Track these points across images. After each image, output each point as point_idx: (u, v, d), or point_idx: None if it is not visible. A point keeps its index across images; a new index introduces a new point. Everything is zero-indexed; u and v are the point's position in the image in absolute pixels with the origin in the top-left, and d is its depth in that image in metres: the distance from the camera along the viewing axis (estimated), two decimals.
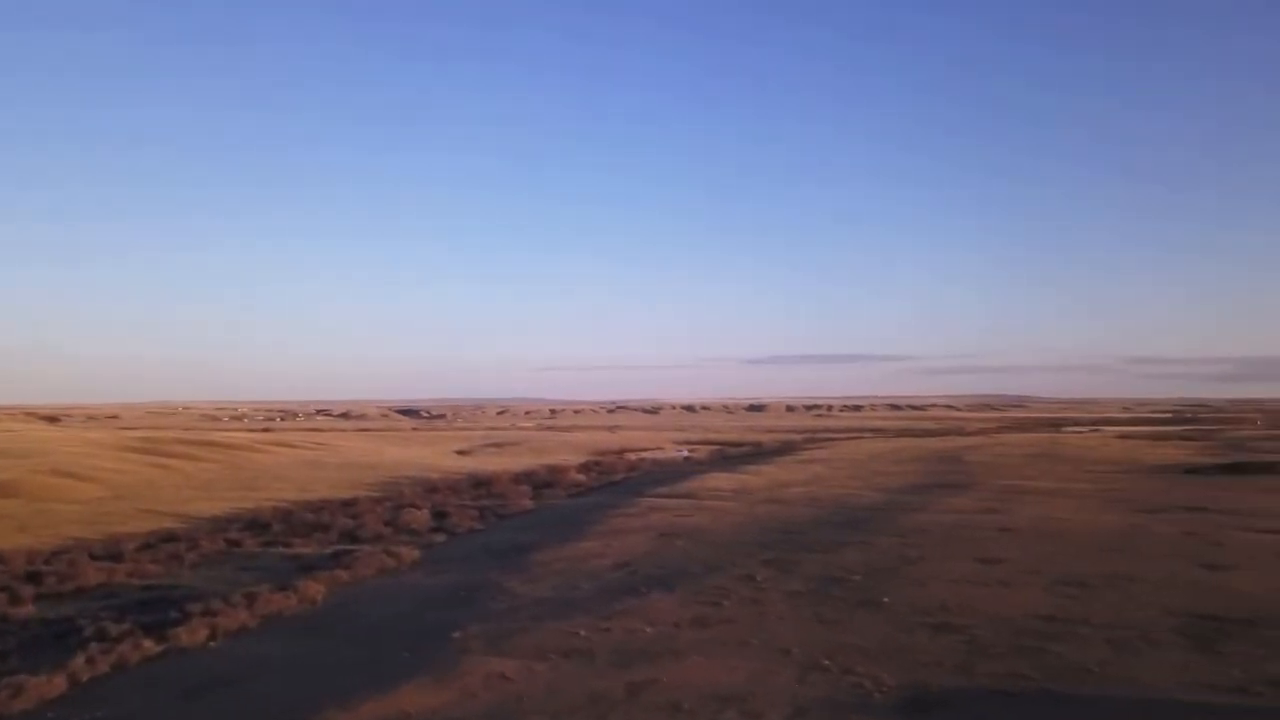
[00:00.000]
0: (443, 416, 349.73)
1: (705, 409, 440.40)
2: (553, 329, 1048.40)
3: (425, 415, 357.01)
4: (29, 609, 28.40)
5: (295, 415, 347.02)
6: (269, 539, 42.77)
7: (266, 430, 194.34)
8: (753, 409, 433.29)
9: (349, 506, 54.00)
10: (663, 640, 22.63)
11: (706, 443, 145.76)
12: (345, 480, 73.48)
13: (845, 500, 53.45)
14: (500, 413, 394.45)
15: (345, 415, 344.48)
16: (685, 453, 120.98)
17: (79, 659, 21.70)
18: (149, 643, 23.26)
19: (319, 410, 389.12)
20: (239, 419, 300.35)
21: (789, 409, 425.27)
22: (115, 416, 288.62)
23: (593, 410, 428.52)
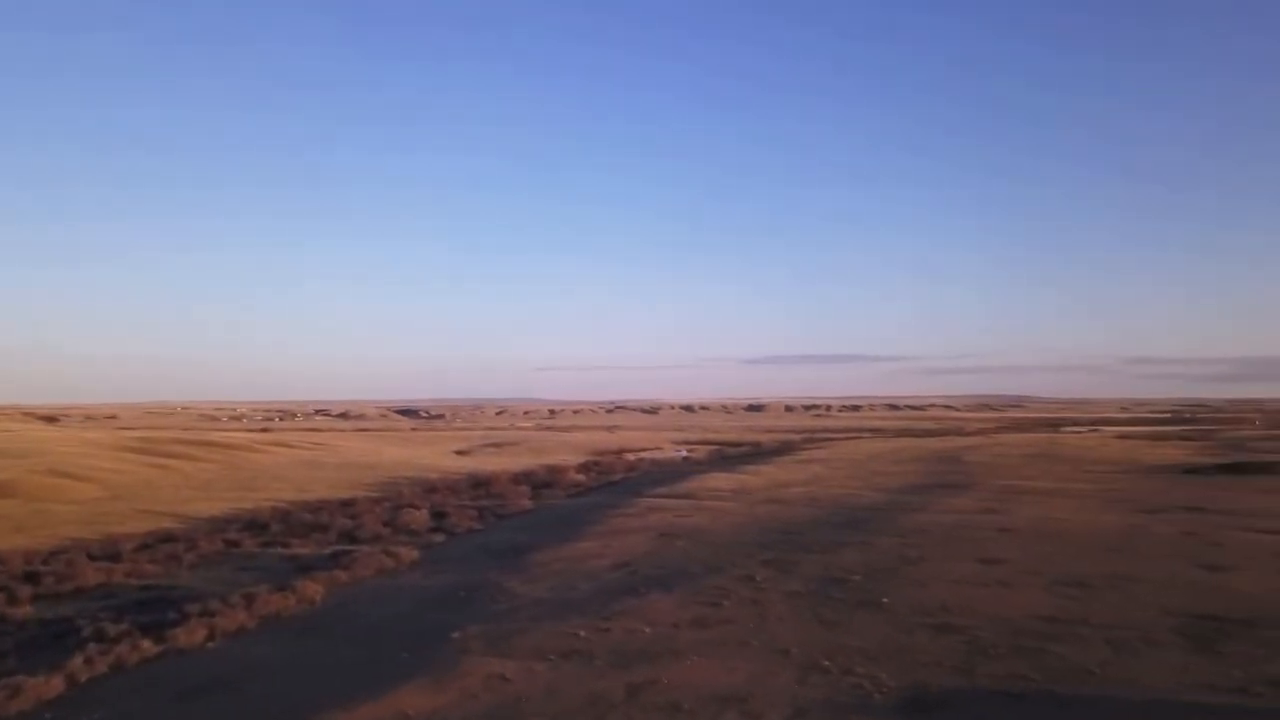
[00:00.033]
0: (441, 416, 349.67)
1: (704, 409, 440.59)
2: (552, 329, 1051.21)
3: (424, 415, 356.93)
4: (27, 609, 28.35)
5: (294, 415, 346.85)
6: (267, 539, 42.70)
7: (265, 430, 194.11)
8: (751, 409, 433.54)
9: (347, 507, 53.94)
10: (662, 641, 22.59)
11: (705, 443, 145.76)
12: (344, 480, 73.40)
13: (845, 500, 53.42)
14: (499, 413, 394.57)
15: (344, 415, 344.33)
16: (684, 453, 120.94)
17: (77, 659, 21.66)
18: (147, 643, 23.23)
19: (318, 410, 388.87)
20: (237, 419, 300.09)
21: (788, 409, 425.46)
22: (113, 416, 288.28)
23: (591, 410, 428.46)
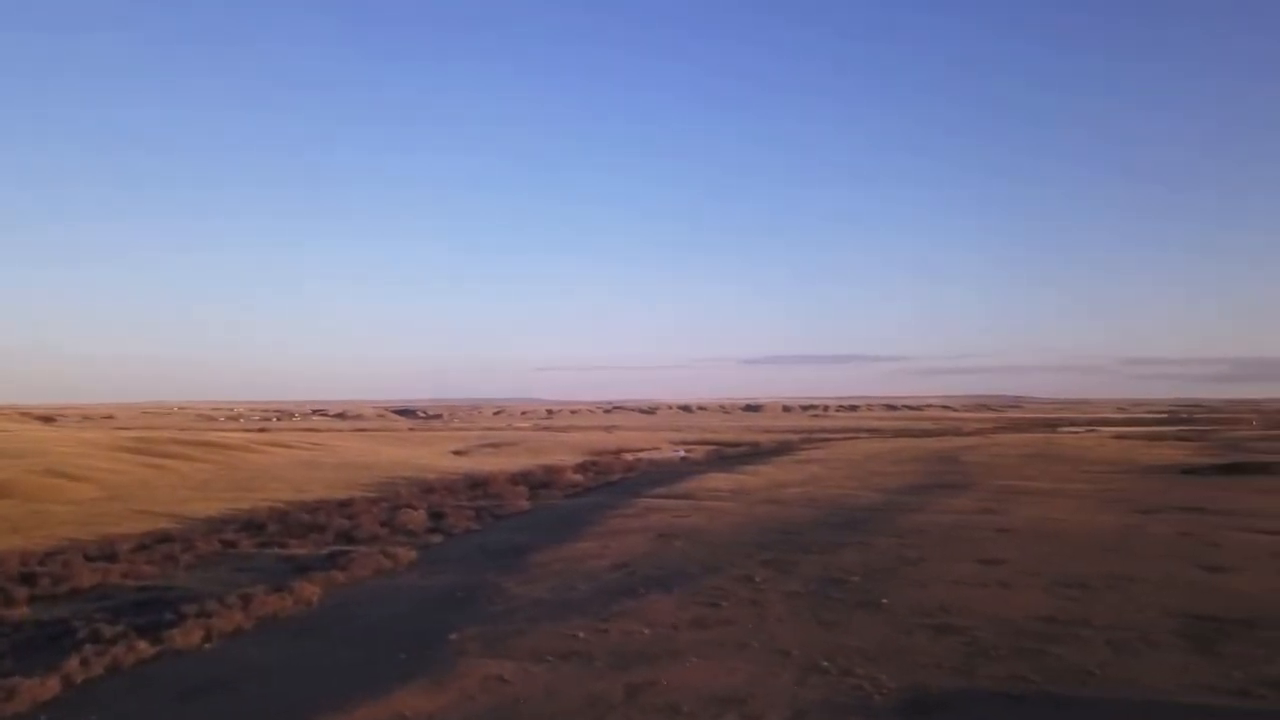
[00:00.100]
0: (439, 417, 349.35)
1: (702, 409, 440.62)
2: (550, 329, 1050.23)
3: (421, 415, 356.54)
4: (23, 610, 28.24)
5: (291, 415, 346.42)
6: (265, 540, 42.57)
7: (262, 430, 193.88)
8: (749, 409, 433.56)
9: (345, 507, 53.82)
10: (661, 642, 22.52)
11: (703, 443, 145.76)
12: (341, 481, 73.27)
13: (843, 501, 53.39)
14: (497, 413, 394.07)
15: (341, 415, 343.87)
16: (682, 453, 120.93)
17: (73, 661, 21.55)
18: (144, 644, 23.12)
19: (315, 410, 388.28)
20: (235, 419, 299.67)
21: (785, 409, 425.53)
22: (110, 416, 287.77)
23: (589, 410, 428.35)
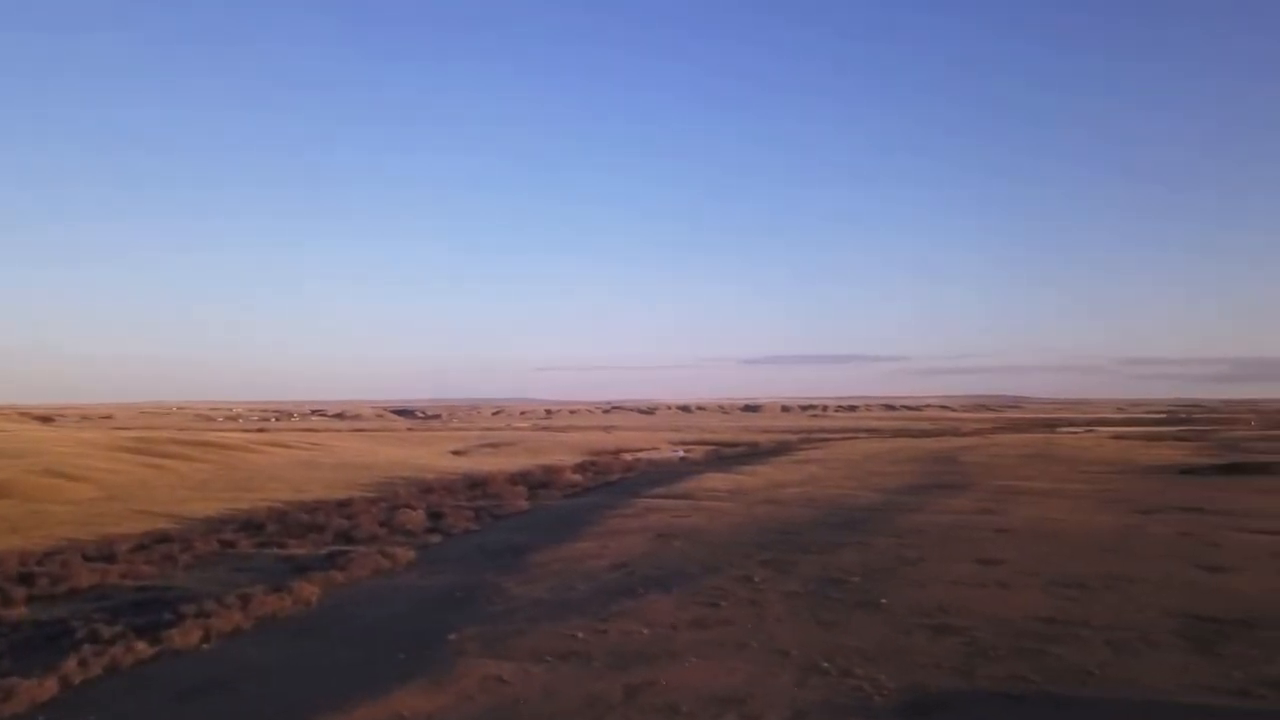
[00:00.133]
0: (438, 417, 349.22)
1: (701, 409, 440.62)
2: (549, 329, 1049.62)
3: (420, 415, 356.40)
4: (21, 611, 28.18)
5: (290, 415, 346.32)
6: (263, 540, 42.51)
7: (261, 430, 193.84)
8: (748, 409, 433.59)
9: (344, 507, 53.76)
10: (660, 642, 22.50)
11: (702, 443, 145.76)
12: (340, 481, 73.21)
13: (842, 501, 53.38)
14: (496, 413, 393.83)
15: (340, 415, 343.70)
16: (681, 453, 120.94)
17: (71, 661, 21.50)
18: (142, 645, 23.07)
19: (314, 410, 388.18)
20: (234, 419, 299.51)
21: (784, 409, 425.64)
22: (109, 416, 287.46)
23: (588, 410, 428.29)
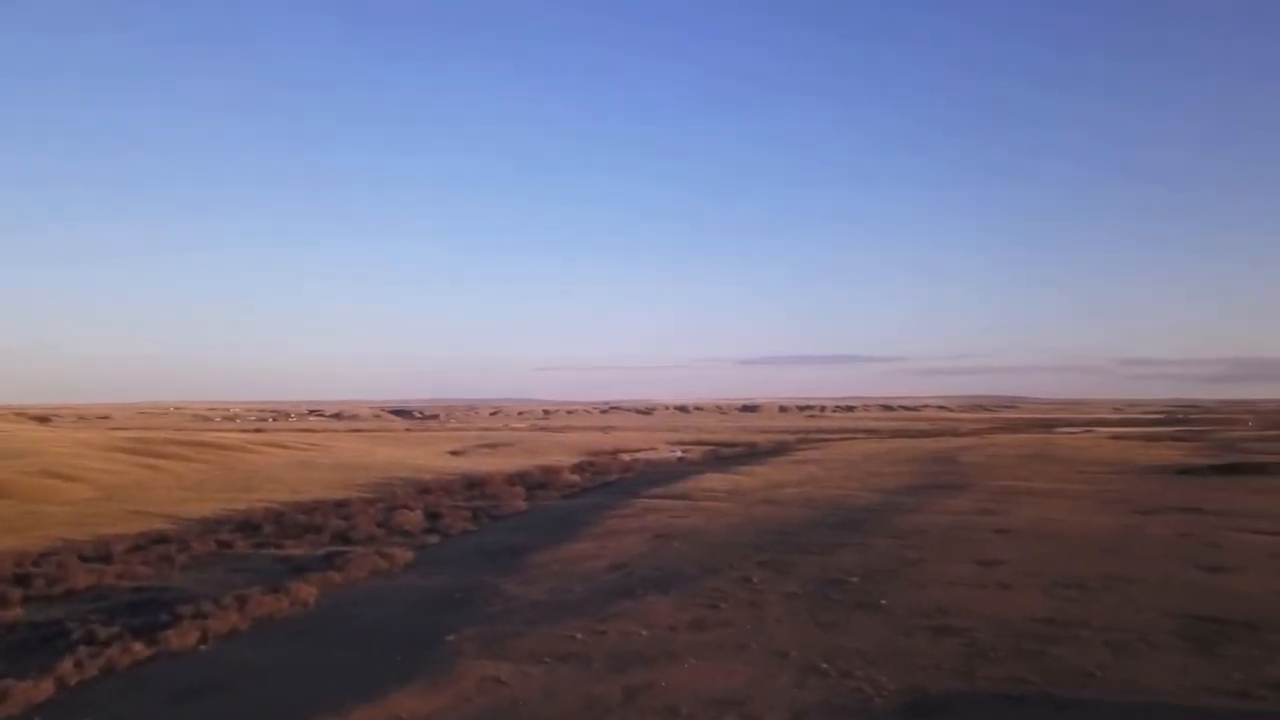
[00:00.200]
0: (436, 417, 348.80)
1: (698, 409, 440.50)
2: (547, 329, 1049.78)
3: (418, 416, 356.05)
4: (17, 612, 28.06)
5: (288, 415, 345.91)
6: (261, 540, 42.41)
7: (258, 431, 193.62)
8: (746, 409, 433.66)
9: (341, 507, 53.63)
10: (659, 643, 22.42)
11: (700, 443, 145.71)
12: (338, 481, 73.07)
13: (841, 501, 53.32)
14: (493, 413, 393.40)
15: (338, 416, 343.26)
16: (679, 453, 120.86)
17: (67, 662, 21.43)
18: (139, 646, 22.99)
19: (311, 410, 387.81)
20: (231, 419, 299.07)
21: (782, 409, 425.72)
22: (106, 416, 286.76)
23: (586, 410, 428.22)
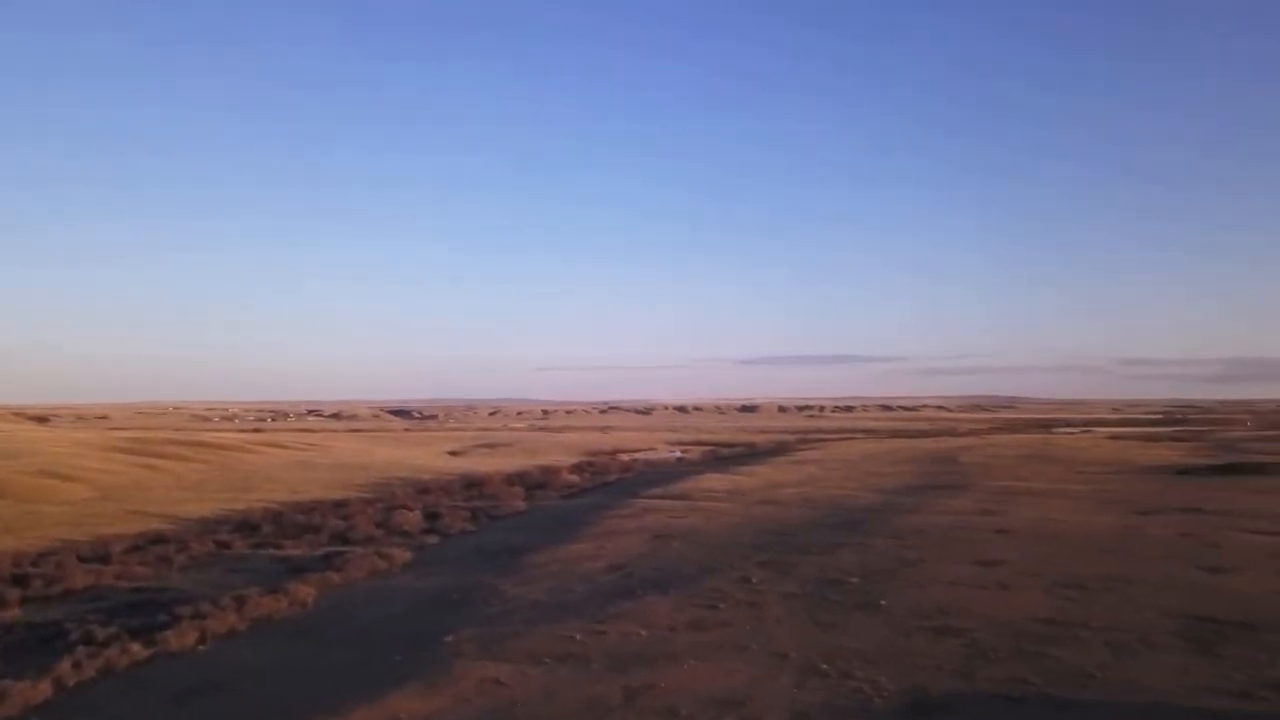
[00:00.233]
0: (434, 417, 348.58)
1: (698, 410, 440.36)
2: (546, 329, 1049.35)
3: (417, 416, 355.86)
4: (15, 612, 27.98)
5: (286, 416, 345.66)
6: (259, 541, 42.33)
7: (257, 431, 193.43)
8: (745, 410, 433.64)
9: (340, 508, 53.55)
10: (659, 644, 22.38)
11: (699, 443, 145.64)
12: (336, 481, 72.97)
13: (840, 501, 53.29)
14: (492, 413, 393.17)
15: (336, 416, 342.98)
16: (678, 453, 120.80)
17: (65, 663, 21.35)
18: (137, 646, 22.92)
19: (310, 411, 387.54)
20: (229, 419, 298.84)
21: (781, 410, 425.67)
22: (104, 416, 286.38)
23: (585, 411, 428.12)
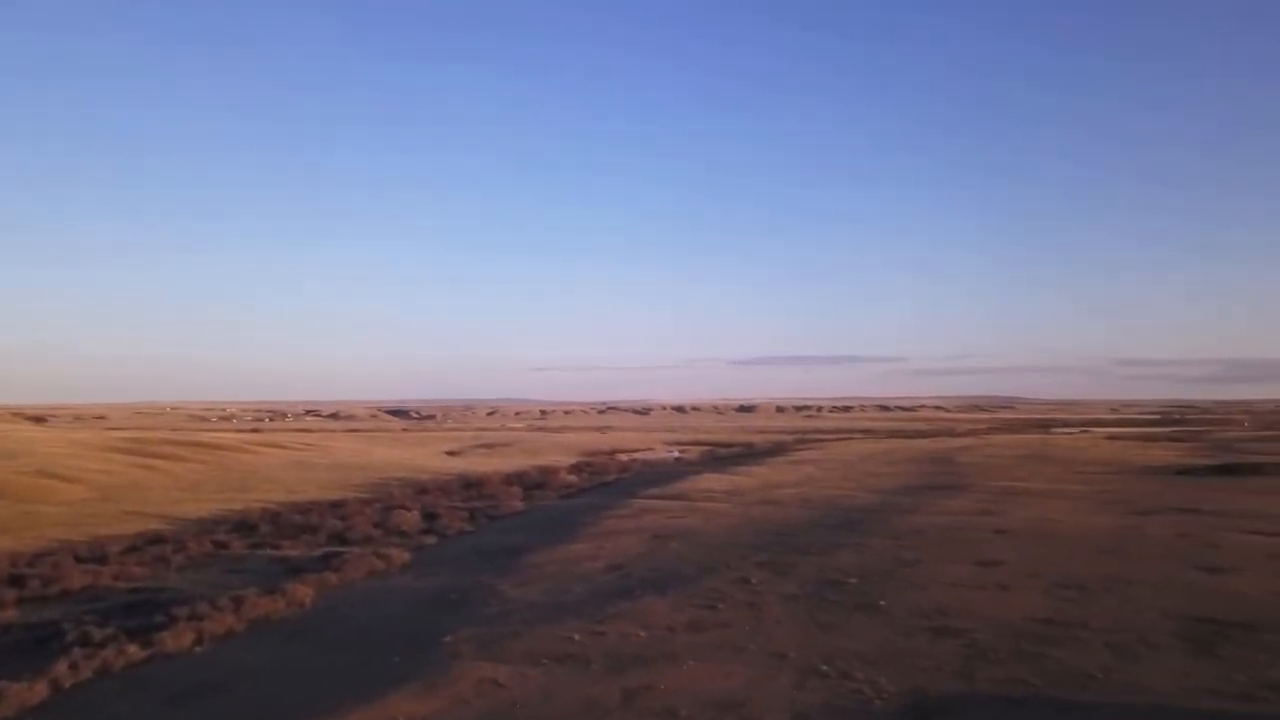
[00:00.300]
0: (432, 417, 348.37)
1: (695, 410, 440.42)
2: (544, 329, 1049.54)
3: (415, 416, 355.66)
4: (11, 613, 27.90)
5: (284, 416, 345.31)
6: (257, 541, 42.23)
7: (255, 431, 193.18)
8: (743, 410, 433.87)
9: (338, 508, 53.46)
10: (658, 645, 22.31)
11: (697, 443, 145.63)
12: (334, 481, 72.85)
13: (839, 501, 53.25)
14: (490, 413, 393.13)
15: (334, 416, 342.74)
16: (676, 453, 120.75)
17: (62, 664, 21.28)
18: (134, 647, 22.85)
19: (308, 411, 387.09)
20: (227, 419, 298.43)
21: (779, 410, 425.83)
22: (102, 417, 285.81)
23: (583, 411, 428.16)
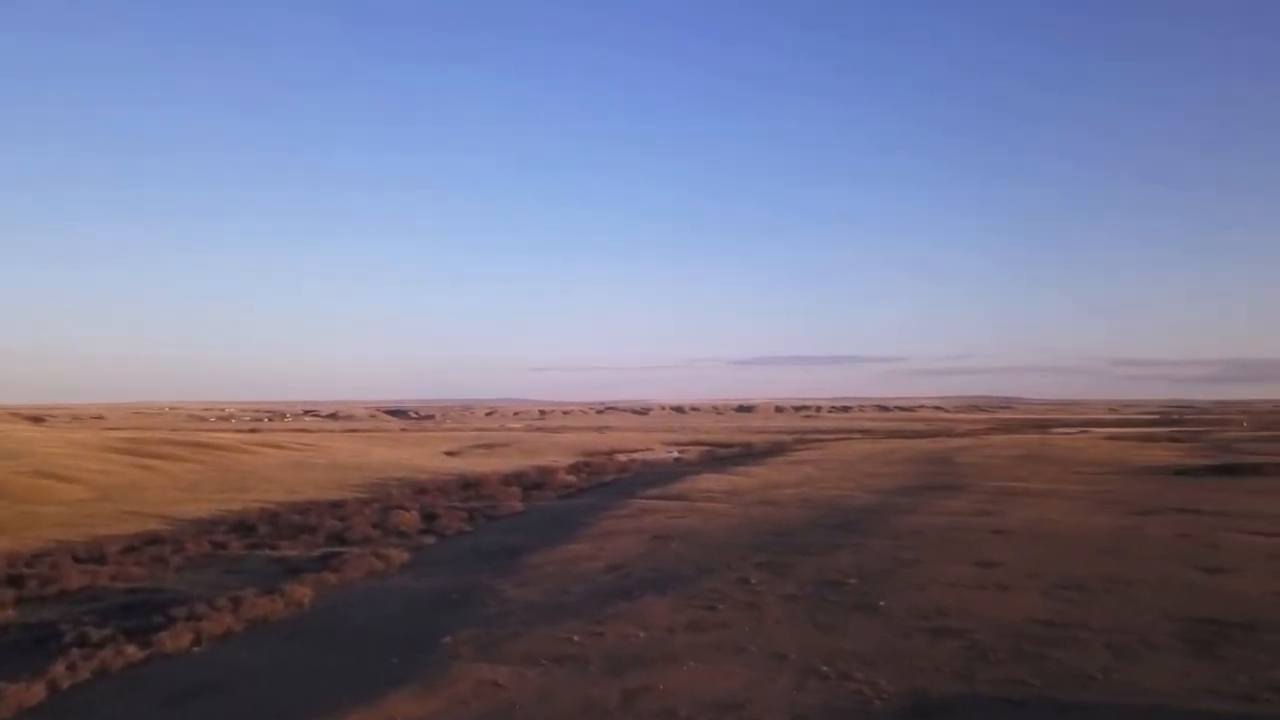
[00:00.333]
0: (431, 417, 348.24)
1: (694, 410, 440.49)
2: (543, 329, 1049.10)
3: (413, 416, 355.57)
4: (9, 613, 27.85)
5: (283, 416, 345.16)
6: (255, 541, 42.19)
7: (253, 431, 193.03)
8: (742, 410, 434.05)
9: (337, 508, 53.43)
10: (657, 645, 22.27)
11: (696, 443, 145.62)
12: (333, 481, 72.79)
13: (838, 502, 53.23)
14: (489, 414, 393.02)
15: (333, 416, 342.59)
16: (675, 454, 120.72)
17: (60, 665, 21.23)
18: (132, 648, 22.81)
19: (306, 411, 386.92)
20: (226, 419, 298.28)
21: (778, 410, 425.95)
22: (100, 417, 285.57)
23: (582, 411, 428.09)
